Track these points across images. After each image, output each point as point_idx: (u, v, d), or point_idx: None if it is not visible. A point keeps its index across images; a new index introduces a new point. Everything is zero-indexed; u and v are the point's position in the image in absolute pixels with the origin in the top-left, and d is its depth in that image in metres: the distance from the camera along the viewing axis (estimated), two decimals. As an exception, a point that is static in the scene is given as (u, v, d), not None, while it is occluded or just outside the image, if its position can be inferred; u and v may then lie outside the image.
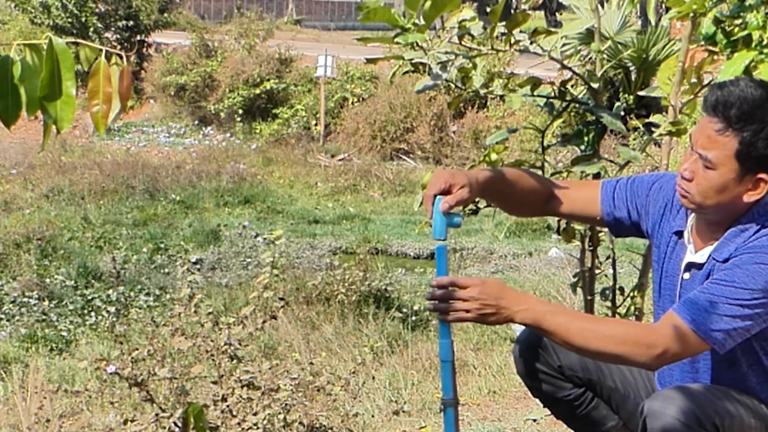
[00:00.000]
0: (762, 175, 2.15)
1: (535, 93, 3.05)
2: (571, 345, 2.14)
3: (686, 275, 2.28)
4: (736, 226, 2.20)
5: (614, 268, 3.29)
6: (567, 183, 2.53)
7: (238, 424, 3.34)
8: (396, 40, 2.65)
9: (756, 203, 2.20)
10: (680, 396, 2.15)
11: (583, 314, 2.20)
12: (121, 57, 1.53)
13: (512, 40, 2.83)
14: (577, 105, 3.15)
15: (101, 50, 1.53)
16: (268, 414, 3.41)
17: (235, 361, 3.45)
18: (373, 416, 4.51)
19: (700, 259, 2.24)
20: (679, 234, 2.31)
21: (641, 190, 2.41)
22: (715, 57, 2.94)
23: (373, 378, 5.04)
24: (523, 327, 2.26)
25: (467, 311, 2.12)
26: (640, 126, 3.20)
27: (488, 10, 2.79)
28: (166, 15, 22.74)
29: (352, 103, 18.46)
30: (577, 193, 2.46)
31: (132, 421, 3.40)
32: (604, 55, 3.40)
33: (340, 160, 17.02)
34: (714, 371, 2.29)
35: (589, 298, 3.22)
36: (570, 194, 2.45)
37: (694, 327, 2.08)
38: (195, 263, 10.38)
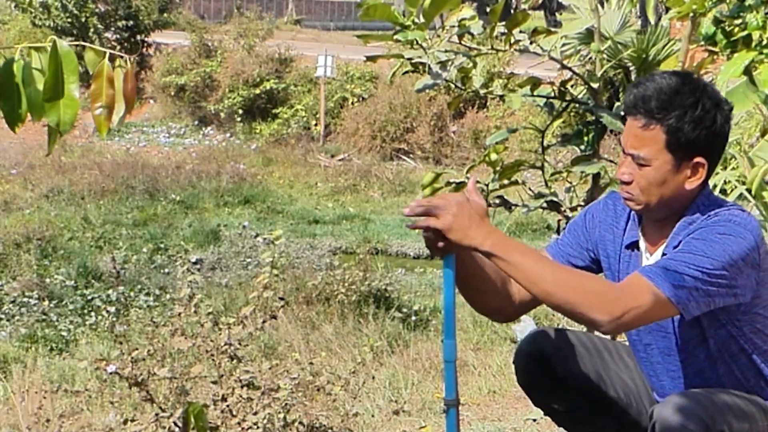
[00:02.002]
0: (698, 159, 2.15)
1: (535, 93, 3.05)
2: (532, 288, 2.06)
3: None
4: (684, 219, 2.20)
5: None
6: None
7: (238, 424, 3.34)
8: (396, 37, 2.66)
9: (699, 194, 2.19)
10: (690, 402, 2.13)
11: (552, 261, 2.14)
12: (124, 59, 1.53)
13: (512, 40, 2.83)
14: (577, 105, 3.16)
15: (105, 53, 1.53)
16: (268, 414, 3.41)
17: (235, 361, 3.44)
18: (373, 416, 4.51)
19: (654, 261, 2.22)
20: (631, 246, 2.31)
21: (578, 230, 2.41)
22: (715, 57, 2.94)
23: (373, 378, 5.04)
24: (524, 331, 2.25)
25: (437, 217, 2.05)
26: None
27: (488, 9, 2.79)
28: (165, 15, 22.74)
29: (352, 103, 18.46)
30: None
31: (132, 421, 3.40)
32: (604, 55, 3.40)
33: (340, 160, 17.02)
34: (703, 374, 2.28)
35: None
36: None
37: (657, 283, 2.05)
38: (195, 263, 10.38)
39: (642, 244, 2.29)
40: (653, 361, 2.36)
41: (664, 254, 2.19)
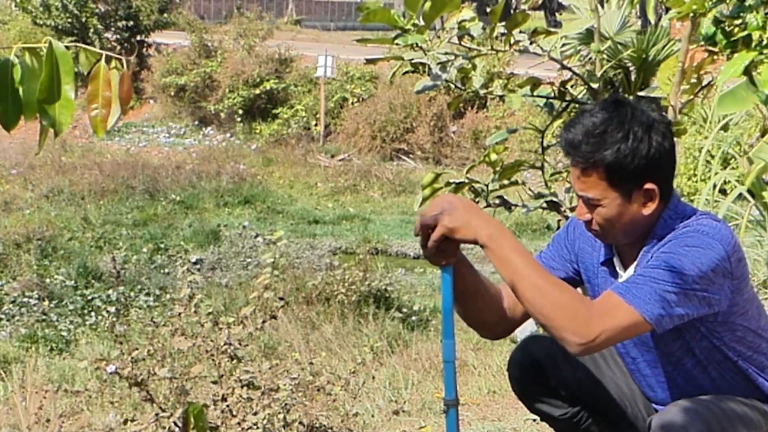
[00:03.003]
0: (646, 186, 2.14)
1: (535, 93, 3.05)
2: (515, 286, 2.07)
3: None
4: (651, 239, 2.20)
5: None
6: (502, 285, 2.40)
7: (238, 424, 3.34)
8: (396, 41, 2.66)
9: (663, 212, 2.19)
10: (691, 410, 2.13)
11: (542, 268, 2.14)
12: (121, 61, 1.53)
13: (512, 41, 2.83)
14: (577, 105, 3.16)
15: (101, 54, 1.53)
16: (268, 414, 3.41)
17: (235, 361, 3.45)
18: (373, 416, 4.51)
19: (627, 277, 2.22)
20: (605, 263, 2.31)
21: (561, 242, 2.42)
22: (715, 57, 2.95)
23: (373, 378, 5.03)
24: (524, 331, 2.25)
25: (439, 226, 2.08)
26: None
27: (488, 10, 2.79)
28: (165, 15, 22.74)
29: (352, 103, 18.46)
30: None
31: (132, 421, 3.40)
32: (604, 55, 3.41)
33: (340, 160, 17.02)
34: (695, 381, 2.28)
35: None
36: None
37: (628, 300, 2.04)
38: (195, 263, 10.38)
39: (616, 260, 2.29)
40: (643, 374, 2.37)
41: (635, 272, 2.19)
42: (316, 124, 18.51)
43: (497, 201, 3.21)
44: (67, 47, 1.48)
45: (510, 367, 2.50)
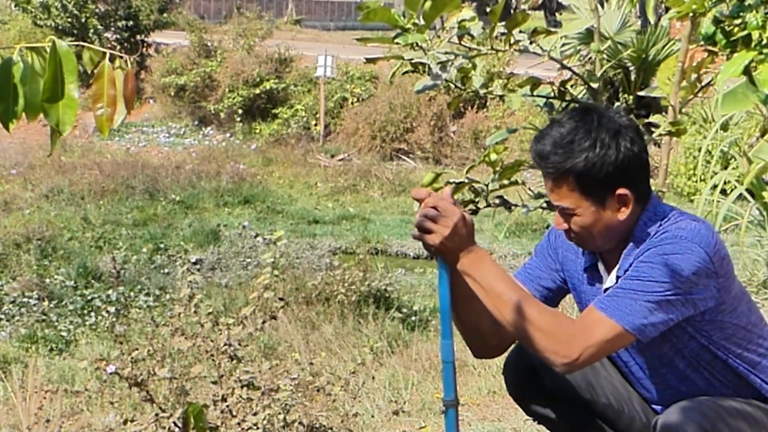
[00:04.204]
0: (619, 191, 2.16)
1: (535, 93, 3.05)
2: (498, 314, 2.10)
3: None
4: (630, 242, 2.21)
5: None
6: None
7: (238, 424, 3.34)
8: (396, 40, 2.66)
9: (641, 215, 2.19)
10: (694, 410, 2.13)
11: (523, 292, 2.16)
12: (125, 60, 1.53)
13: (512, 40, 2.83)
14: (576, 105, 3.15)
15: (105, 53, 1.53)
16: (268, 414, 3.41)
17: (234, 361, 3.44)
18: (373, 416, 4.51)
19: (610, 284, 2.25)
20: (588, 269, 2.32)
21: (544, 251, 2.43)
22: (715, 57, 2.94)
23: (373, 378, 5.03)
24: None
25: (432, 232, 2.09)
26: (640, 126, 3.19)
27: (488, 10, 2.79)
28: (165, 15, 22.74)
29: (352, 103, 18.46)
30: None
31: (132, 421, 3.40)
32: (604, 55, 3.41)
33: (339, 160, 17.02)
34: (688, 381, 2.28)
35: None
36: None
37: (610, 314, 2.08)
38: (195, 263, 10.38)
39: (600, 266, 2.30)
40: (637, 376, 2.37)
41: (618, 277, 2.21)
42: (315, 124, 18.51)
43: (497, 201, 3.21)
44: (70, 47, 1.48)
45: (505, 370, 2.51)
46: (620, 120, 2.19)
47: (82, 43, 1.59)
